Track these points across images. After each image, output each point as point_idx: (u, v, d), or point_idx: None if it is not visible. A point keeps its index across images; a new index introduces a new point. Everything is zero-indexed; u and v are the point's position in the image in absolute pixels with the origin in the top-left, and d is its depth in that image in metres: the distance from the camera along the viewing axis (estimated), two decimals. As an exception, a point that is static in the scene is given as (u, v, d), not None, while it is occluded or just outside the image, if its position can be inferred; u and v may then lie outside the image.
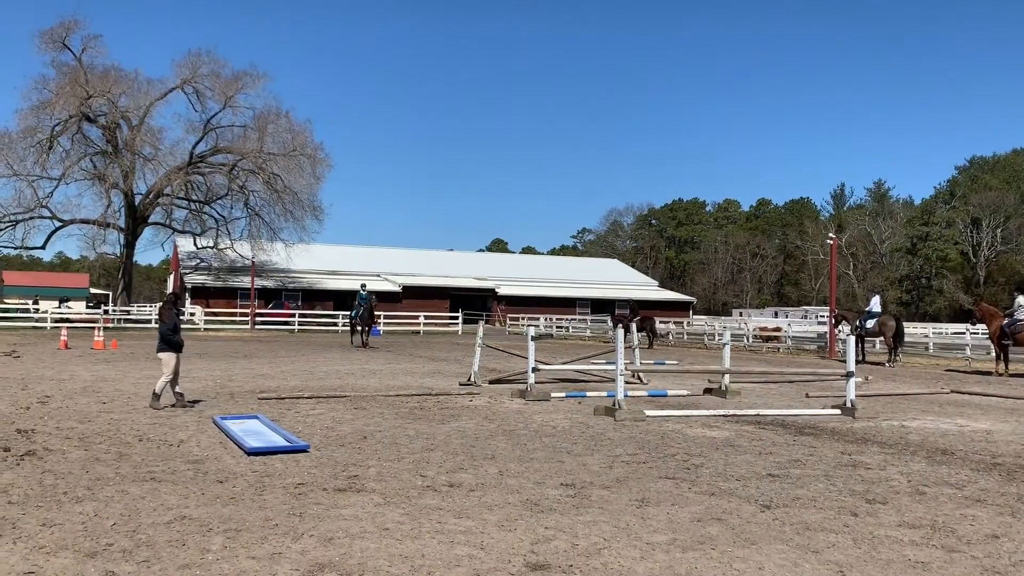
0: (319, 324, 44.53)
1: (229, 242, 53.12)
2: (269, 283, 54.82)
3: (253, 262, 48.52)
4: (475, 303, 61.06)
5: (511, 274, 68.82)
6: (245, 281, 50.96)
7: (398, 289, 59.05)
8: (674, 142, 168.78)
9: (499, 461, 7.61)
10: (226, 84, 50.95)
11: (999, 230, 73.22)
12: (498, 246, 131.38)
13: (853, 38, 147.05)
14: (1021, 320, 20.11)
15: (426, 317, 48.93)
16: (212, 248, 53.66)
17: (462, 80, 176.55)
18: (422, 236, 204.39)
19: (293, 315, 45.32)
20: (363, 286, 28.51)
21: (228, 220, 53.79)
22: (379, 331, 46.18)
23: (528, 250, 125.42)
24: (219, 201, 53.50)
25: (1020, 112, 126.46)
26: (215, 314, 47.15)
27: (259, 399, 12.20)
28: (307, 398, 12.42)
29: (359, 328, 27.94)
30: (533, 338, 13.35)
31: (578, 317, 56.15)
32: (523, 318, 50.48)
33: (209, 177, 52.75)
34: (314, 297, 56.73)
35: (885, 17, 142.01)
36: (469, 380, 15.04)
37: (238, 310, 48.72)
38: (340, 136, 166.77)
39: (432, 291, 60.44)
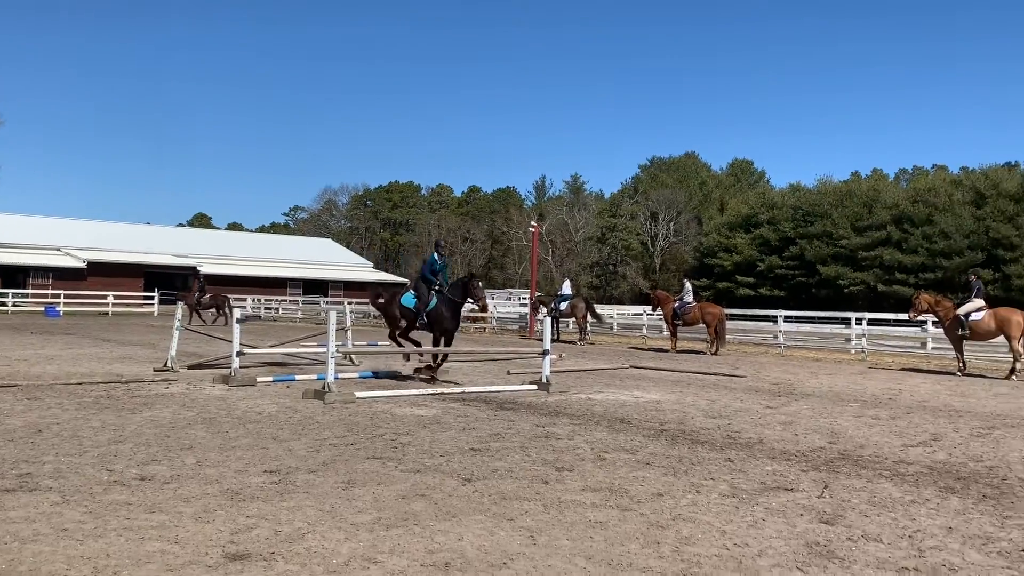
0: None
1: None
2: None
3: None
4: (174, 282, 56.82)
5: (216, 252, 64.89)
6: None
7: (82, 265, 53.13)
8: (392, 124, 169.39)
9: (197, 451, 7.21)
10: None
11: (672, 224, 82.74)
12: (201, 221, 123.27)
13: (552, 39, 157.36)
14: (689, 303, 23.11)
15: (116, 297, 44.68)
16: None
17: (147, 42, 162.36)
18: (113, 207, 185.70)
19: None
20: None
21: None
22: (58, 312, 41.45)
23: (235, 226, 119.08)
24: None
25: (692, 118, 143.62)
26: None
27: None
28: (-35, 389, 10.82)
29: None
30: (238, 320, 12.77)
31: (289, 298, 54.51)
32: (229, 298, 47.75)
33: None
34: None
35: (581, 17, 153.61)
36: (165, 365, 14.01)
37: None
38: (23, 98, 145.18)
39: (124, 268, 55.14)
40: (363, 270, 74.09)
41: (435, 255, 14.28)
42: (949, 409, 11.54)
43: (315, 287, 64.11)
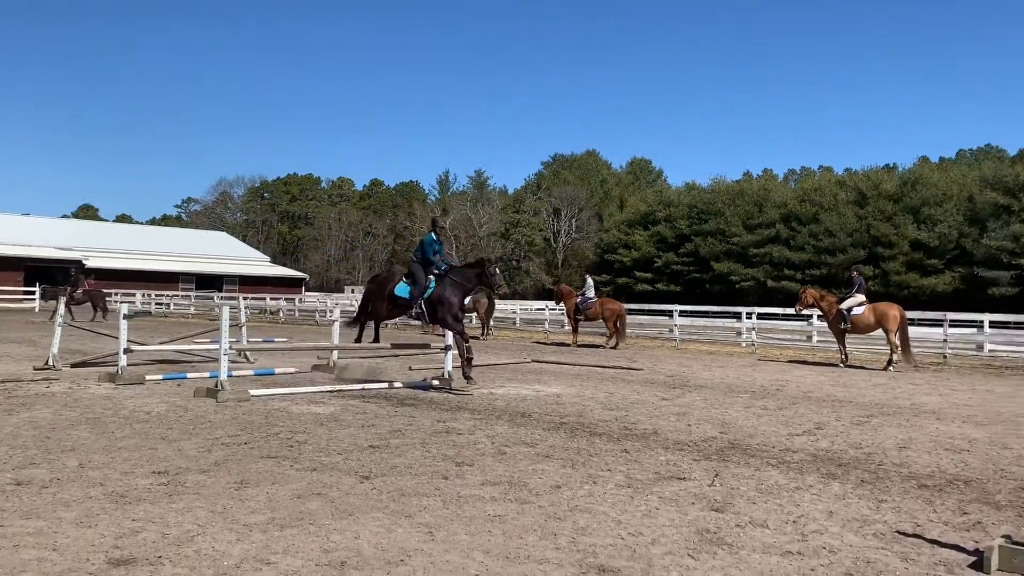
0: None
1: None
2: None
3: None
4: (57, 276, 53.89)
5: (103, 244, 61.92)
6: None
7: (-47, 258, 49.82)
8: (290, 115, 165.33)
9: (80, 452, 6.86)
10: None
11: (574, 220, 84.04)
12: (87, 213, 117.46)
13: (454, 34, 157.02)
14: (591, 298, 23.48)
15: (-8, 292, 42.01)
16: None
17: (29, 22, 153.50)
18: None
19: None
20: None
21: None
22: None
23: (124, 218, 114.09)
24: None
25: (593, 117, 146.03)
26: None
27: None
28: None
29: None
30: (126, 316, 12.22)
31: (181, 293, 52.54)
32: (117, 293, 45.70)
33: None
34: None
35: (484, 11, 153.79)
36: (47, 364, 13.27)
37: None
38: None
39: (1, 261, 51.98)
40: (259, 264, 72.17)
41: (432, 234, 12.65)
42: (832, 399, 12.13)
43: (209, 282, 62.06)
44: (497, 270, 12.22)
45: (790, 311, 21.51)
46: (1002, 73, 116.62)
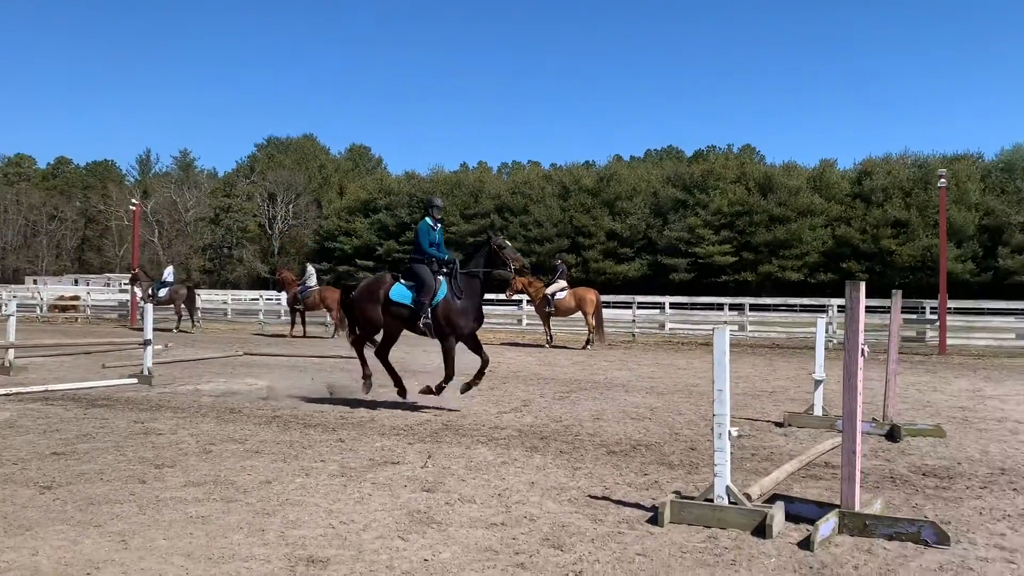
0: None
1: None
2: None
3: None
4: None
5: None
6: None
7: None
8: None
9: None
10: None
11: (291, 206, 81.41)
12: None
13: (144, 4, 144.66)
14: (311, 287, 22.91)
15: None
16: None
17: None
18: None
19: None
20: None
21: None
22: None
23: None
24: None
25: (310, 100, 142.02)
26: None
27: None
28: None
29: None
30: None
31: None
32: None
33: None
34: None
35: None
36: None
37: None
38: None
39: None
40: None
41: (428, 220, 9.70)
42: (538, 377, 12.98)
43: None
44: (507, 242, 9.59)
45: (502, 296, 22.64)
46: (684, 78, 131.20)
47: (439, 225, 9.82)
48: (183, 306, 24.92)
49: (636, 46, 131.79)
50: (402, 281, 9.68)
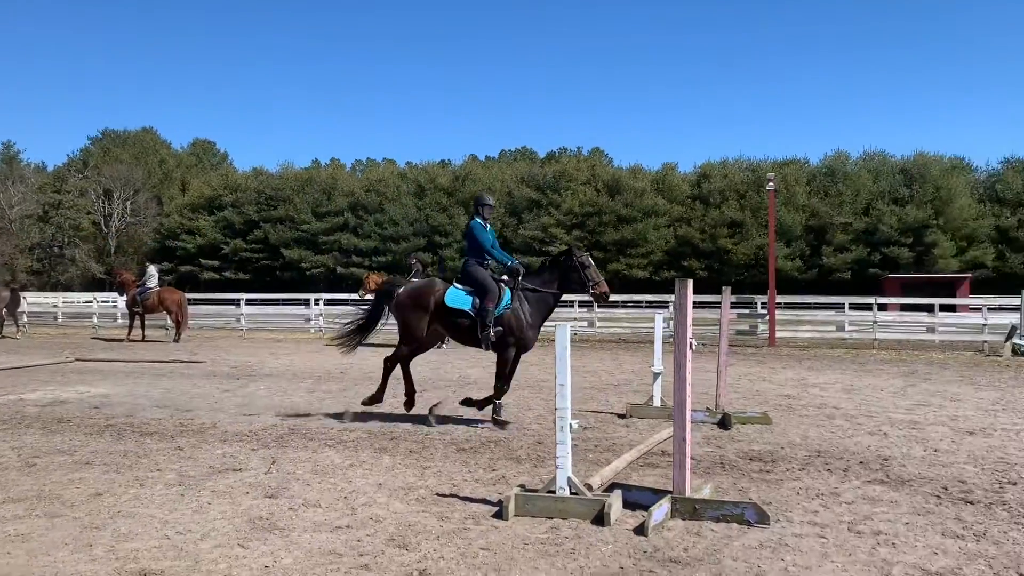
0: None
1: None
2: None
3: None
4: None
5: None
6: None
7: None
8: None
9: None
10: None
11: (129, 203, 76.71)
12: None
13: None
14: (150, 288, 21.65)
15: None
16: None
17: None
18: None
19: None
20: None
21: None
22: None
23: None
24: None
25: (149, 91, 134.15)
26: None
27: None
28: None
29: None
30: None
31: None
32: None
33: None
34: None
35: None
36: None
37: None
38: None
39: None
40: None
41: (478, 219, 8.77)
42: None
43: None
44: (590, 260, 8.52)
45: (355, 296, 22.34)
46: (536, 84, 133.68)
47: (488, 225, 8.89)
48: (5, 310, 23.02)
49: (489, 51, 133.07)
50: (457, 285, 8.70)
